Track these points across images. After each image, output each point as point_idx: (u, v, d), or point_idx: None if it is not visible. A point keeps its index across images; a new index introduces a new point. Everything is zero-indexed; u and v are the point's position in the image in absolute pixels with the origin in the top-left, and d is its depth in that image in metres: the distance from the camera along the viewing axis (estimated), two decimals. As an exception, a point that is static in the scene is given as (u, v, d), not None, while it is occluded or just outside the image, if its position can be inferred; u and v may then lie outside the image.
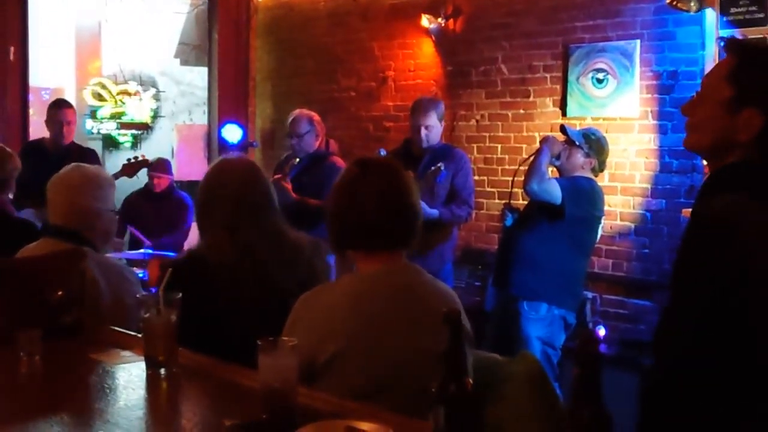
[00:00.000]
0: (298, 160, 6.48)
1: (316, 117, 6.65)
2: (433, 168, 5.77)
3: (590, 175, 5.41)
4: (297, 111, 6.75)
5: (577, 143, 5.33)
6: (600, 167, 5.49)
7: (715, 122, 2.28)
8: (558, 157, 5.34)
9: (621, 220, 6.74)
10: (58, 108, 7.15)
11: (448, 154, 6.10)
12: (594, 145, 5.40)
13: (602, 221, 5.42)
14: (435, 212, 5.56)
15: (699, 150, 2.45)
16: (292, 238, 3.23)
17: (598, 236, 5.48)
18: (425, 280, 2.67)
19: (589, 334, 1.34)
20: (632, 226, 6.70)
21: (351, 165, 2.73)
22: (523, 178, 5.19)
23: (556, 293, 5.22)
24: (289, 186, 6.12)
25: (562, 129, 5.65)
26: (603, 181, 6.52)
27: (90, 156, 6.70)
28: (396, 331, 2.50)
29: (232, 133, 9.31)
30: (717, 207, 2.16)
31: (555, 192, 5.09)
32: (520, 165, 5.53)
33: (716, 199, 2.20)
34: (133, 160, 7.18)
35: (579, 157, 5.35)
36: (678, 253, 2.23)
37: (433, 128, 6.04)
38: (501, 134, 7.67)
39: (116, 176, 6.15)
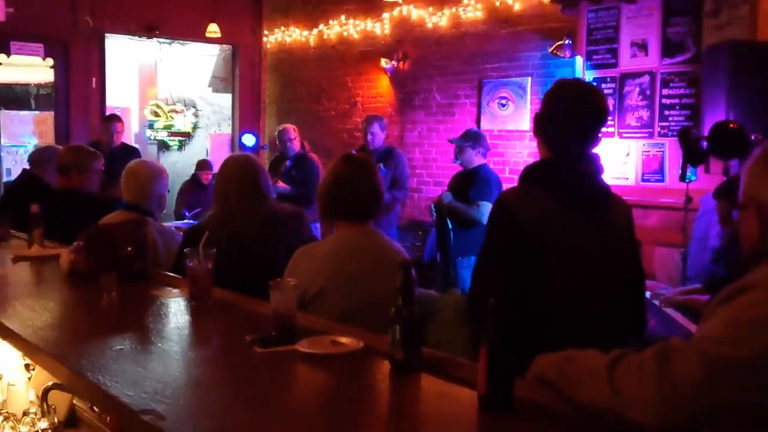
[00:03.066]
0: (288, 163, 6.56)
1: (296, 128, 6.75)
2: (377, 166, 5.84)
3: (483, 161, 5.44)
4: (283, 125, 6.88)
5: (457, 144, 5.39)
6: (485, 151, 5.52)
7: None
8: (456, 158, 5.41)
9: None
10: (109, 121, 6.99)
11: (390, 153, 6.24)
12: (472, 137, 5.43)
13: None
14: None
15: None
16: (281, 211, 3.19)
17: None
18: (384, 240, 2.67)
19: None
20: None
21: (340, 160, 2.71)
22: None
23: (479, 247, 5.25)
24: (280, 183, 6.21)
25: (449, 140, 5.77)
26: (505, 173, 6.57)
27: (133, 154, 6.50)
28: (365, 274, 2.50)
29: (248, 139, 9.30)
30: (504, 193, 2.24)
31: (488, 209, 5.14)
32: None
33: (514, 187, 2.28)
34: None
35: (469, 152, 5.37)
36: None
37: (376, 135, 6.25)
38: (435, 141, 7.69)
39: None
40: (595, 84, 2.56)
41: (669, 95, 5.64)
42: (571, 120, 2.25)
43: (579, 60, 6.16)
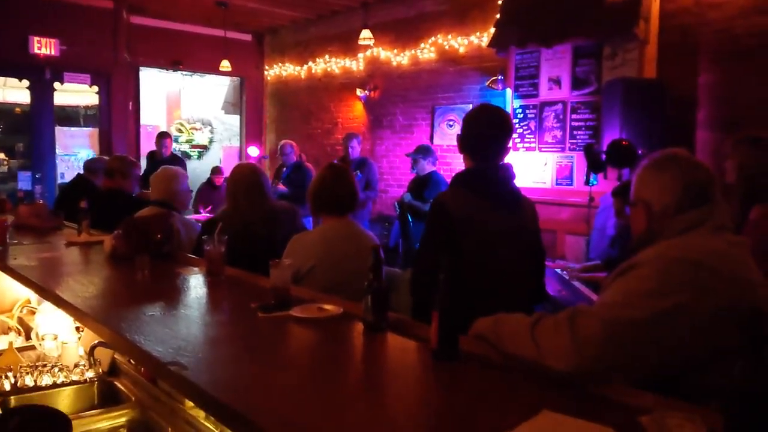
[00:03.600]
0: (287, 170, 6.49)
1: (294, 143, 6.73)
2: (355, 173, 5.81)
3: (433, 168, 5.49)
4: (283, 141, 6.85)
5: (413, 157, 5.42)
6: (434, 160, 5.55)
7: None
8: (412, 168, 5.43)
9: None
10: (162, 137, 7.20)
11: (364, 162, 6.24)
12: (423, 151, 5.49)
13: None
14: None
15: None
16: (278, 207, 3.16)
17: None
18: (359, 229, 2.67)
19: (451, 260, 1.33)
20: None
21: (325, 168, 2.69)
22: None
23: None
24: (280, 186, 6.14)
25: (407, 155, 5.80)
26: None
27: (179, 162, 6.78)
28: (345, 255, 2.49)
29: (253, 151, 9.24)
30: (442, 194, 2.20)
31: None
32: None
33: (448, 190, 2.22)
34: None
35: (422, 162, 5.40)
36: None
37: (354, 148, 6.26)
38: (398, 153, 7.66)
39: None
40: (502, 107, 2.50)
41: (577, 119, 5.69)
42: (487, 136, 2.21)
43: (509, 92, 6.18)
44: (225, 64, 8.47)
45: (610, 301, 1.34)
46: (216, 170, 7.79)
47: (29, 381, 2.24)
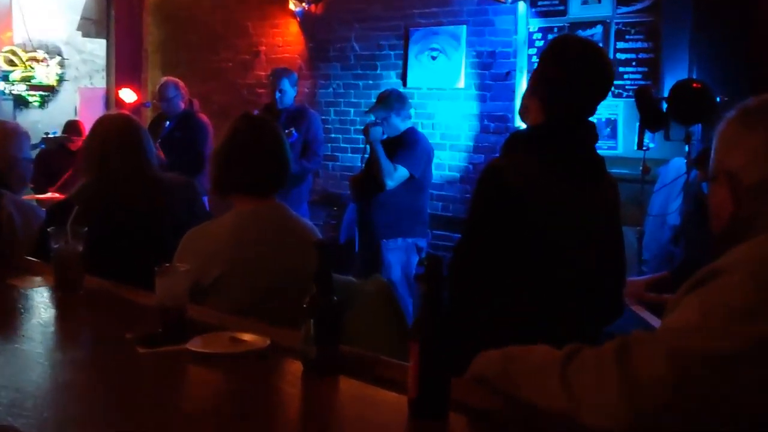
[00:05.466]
0: (169, 124, 6.51)
1: (180, 83, 6.70)
2: (286, 131, 5.76)
3: (408, 124, 5.46)
4: (164, 78, 6.83)
5: (379, 119, 5.33)
6: (407, 113, 5.51)
7: (525, 103, 2.46)
8: (383, 132, 5.32)
9: (449, 171, 6.86)
10: None
11: (301, 114, 6.23)
12: (394, 102, 5.40)
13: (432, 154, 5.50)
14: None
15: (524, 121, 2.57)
16: (168, 182, 3.16)
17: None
18: (292, 217, 2.68)
19: (434, 258, 1.34)
20: (458, 175, 6.83)
21: (238, 121, 2.67)
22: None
23: (408, 227, 5.33)
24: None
25: (366, 112, 5.74)
26: (435, 139, 6.62)
27: None
28: (270, 255, 2.51)
29: (127, 95, 9.12)
30: (497, 162, 2.34)
31: (405, 174, 5.22)
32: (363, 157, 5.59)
33: (503, 155, 2.35)
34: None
35: (394, 118, 5.36)
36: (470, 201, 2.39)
37: (286, 93, 6.25)
38: (354, 100, 7.67)
39: None
40: (600, 45, 2.70)
41: (624, 49, 5.76)
42: (581, 85, 2.34)
43: (522, 6, 6.22)
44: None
45: (682, 325, 1.34)
46: (71, 127, 7.68)
47: None
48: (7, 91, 10.51)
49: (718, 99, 4.11)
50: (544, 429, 1.39)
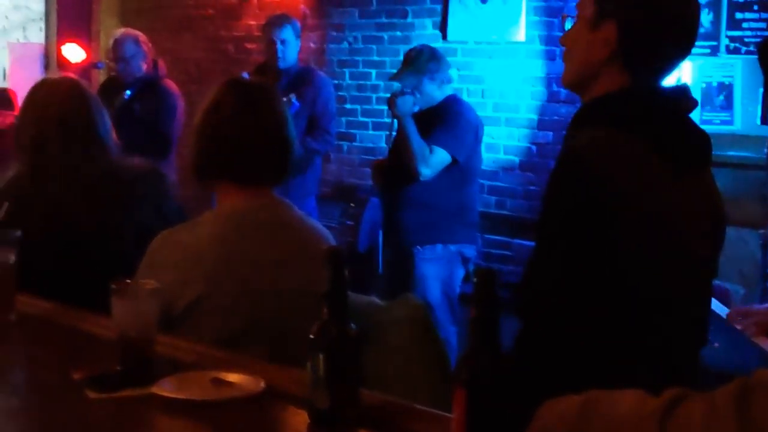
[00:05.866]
0: (129, 92, 6.48)
1: (142, 37, 6.68)
2: (284, 99, 5.75)
3: (448, 90, 5.46)
4: (121, 31, 6.84)
5: (409, 87, 5.30)
6: (448, 77, 5.53)
7: (581, 45, 2.35)
8: (414, 103, 5.29)
9: (505, 153, 6.82)
10: None
11: (306, 78, 6.18)
12: (427, 62, 5.38)
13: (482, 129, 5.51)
14: None
15: (571, 83, 2.49)
16: (128, 169, 3.18)
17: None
18: (296, 217, 2.69)
19: (486, 272, 1.33)
20: (517, 160, 6.80)
21: (224, 88, 2.69)
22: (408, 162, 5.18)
23: (450, 230, 5.31)
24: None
25: (390, 79, 5.80)
26: (486, 111, 6.60)
27: None
28: (264, 271, 2.51)
29: (73, 52, 9.15)
30: (576, 144, 2.24)
31: (445, 158, 5.16)
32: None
33: (580, 135, 2.27)
34: None
35: (429, 84, 5.34)
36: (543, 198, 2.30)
37: (289, 44, 6.17)
38: (376, 58, 7.68)
39: None
40: None
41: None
42: (674, 34, 2.31)
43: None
44: None
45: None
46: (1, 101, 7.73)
47: None
48: None
49: None
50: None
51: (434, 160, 5.13)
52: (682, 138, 2.31)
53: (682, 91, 2.40)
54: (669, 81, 2.42)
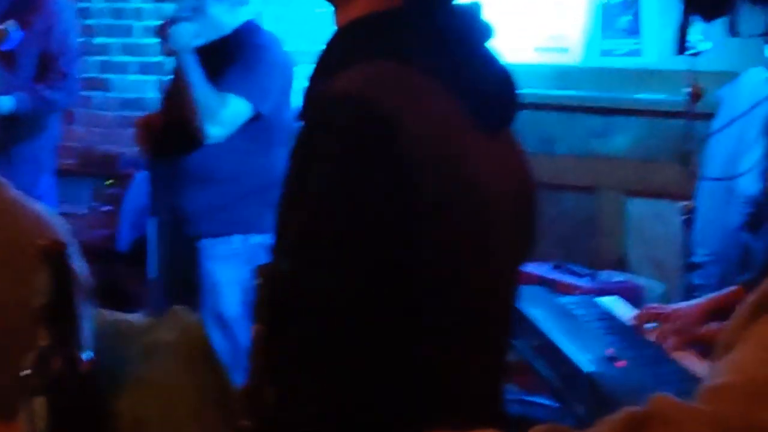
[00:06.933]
0: None
1: None
2: None
3: (246, 15, 5.52)
4: None
5: (186, 10, 5.30)
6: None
7: None
8: (196, 33, 5.26)
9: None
10: None
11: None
12: None
13: None
14: (7, 101, 5.61)
15: None
16: None
17: None
18: (9, 199, 2.64)
19: (268, 268, 1.33)
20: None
21: None
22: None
23: (250, 214, 5.35)
24: None
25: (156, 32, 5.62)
26: (298, 44, 6.64)
27: None
28: None
29: None
30: (342, 88, 2.08)
31: (244, 111, 5.23)
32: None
33: (342, 75, 2.13)
34: None
35: (214, 5, 5.31)
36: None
37: None
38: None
39: None
40: None
41: None
42: None
43: None
44: None
45: (743, 383, 1.38)
46: None
47: None
48: None
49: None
50: None
51: (228, 114, 5.14)
52: (479, 78, 2.26)
53: (470, 12, 2.34)
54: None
